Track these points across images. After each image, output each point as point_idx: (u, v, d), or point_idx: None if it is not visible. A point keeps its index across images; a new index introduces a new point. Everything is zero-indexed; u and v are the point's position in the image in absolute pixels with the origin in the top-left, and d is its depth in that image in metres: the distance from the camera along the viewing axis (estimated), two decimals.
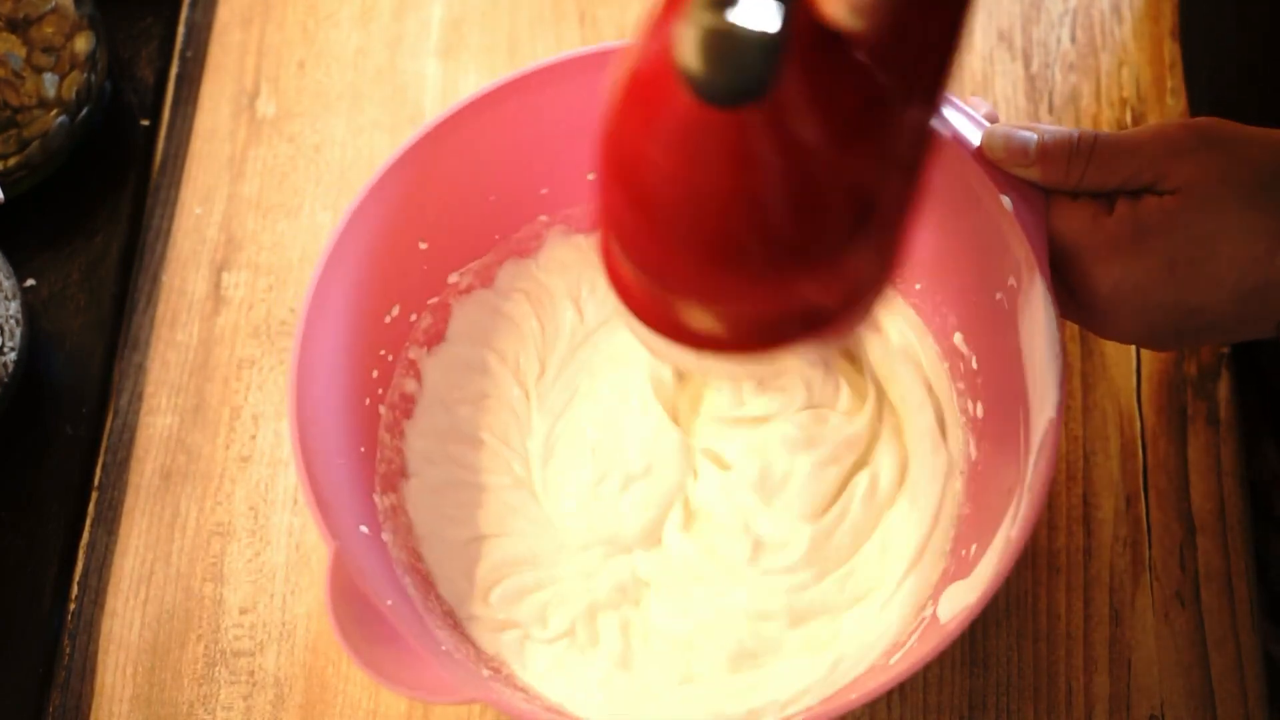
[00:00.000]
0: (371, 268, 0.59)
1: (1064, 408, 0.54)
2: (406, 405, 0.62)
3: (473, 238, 0.63)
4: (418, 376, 0.63)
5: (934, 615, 0.54)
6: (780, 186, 0.36)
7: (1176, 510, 0.63)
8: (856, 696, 0.50)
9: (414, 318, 0.62)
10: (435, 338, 0.63)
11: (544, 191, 0.63)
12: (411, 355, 0.62)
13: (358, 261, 0.58)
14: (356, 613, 0.51)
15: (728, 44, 0.33)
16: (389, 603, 0.53)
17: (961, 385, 0.60)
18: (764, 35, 0.33)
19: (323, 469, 0.54)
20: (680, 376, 0.63)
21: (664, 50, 0.35)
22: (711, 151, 0.36)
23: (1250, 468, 0.65)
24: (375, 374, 0.61)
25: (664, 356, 0.45)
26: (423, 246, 0.61)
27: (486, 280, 0.64)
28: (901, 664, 0.51)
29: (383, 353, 0.61)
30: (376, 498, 0.59)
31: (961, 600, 0.53)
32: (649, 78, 0.36)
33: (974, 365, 0.59)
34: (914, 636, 0.54)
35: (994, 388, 0.57)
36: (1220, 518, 0.62)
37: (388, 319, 0.61)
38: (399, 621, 0.52)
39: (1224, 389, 0.65)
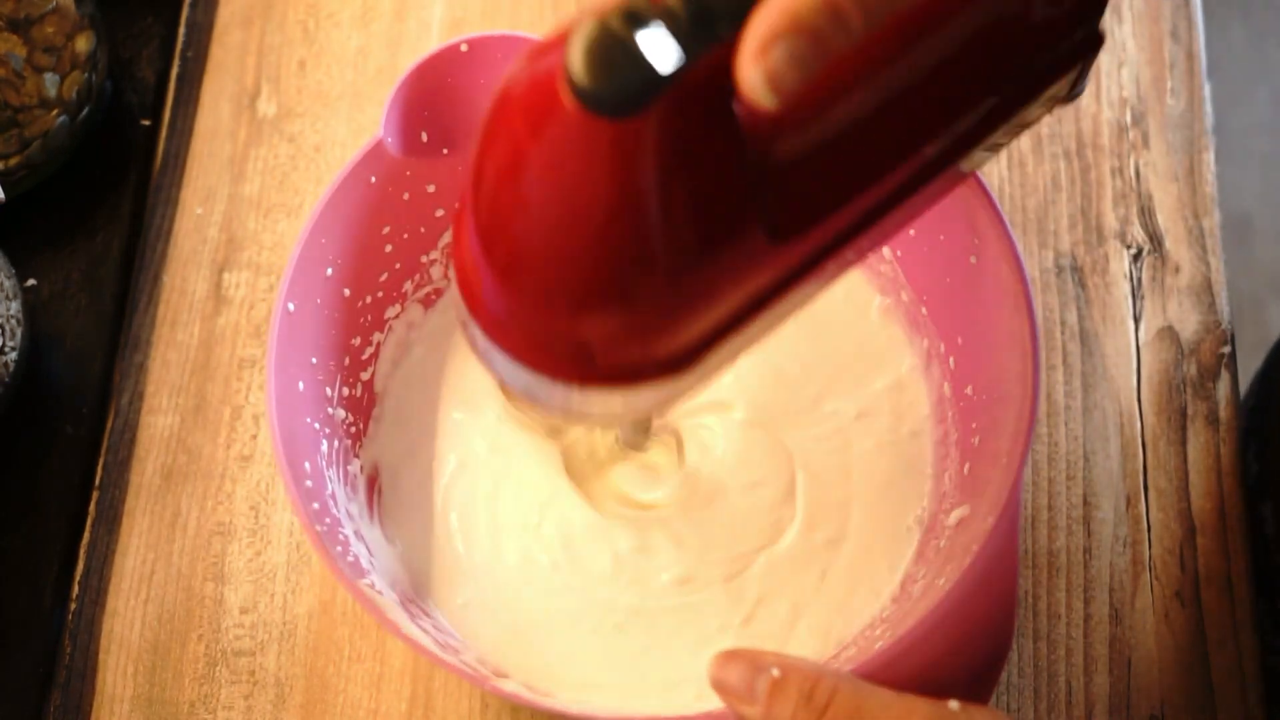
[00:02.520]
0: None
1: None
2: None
3: None
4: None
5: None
6: (624, 208, 0.37)
7: (1176, 510, 0.63)
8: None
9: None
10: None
11: None
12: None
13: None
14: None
15: (619, 54, 0.34)
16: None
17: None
18: (659, 53, 0.34)
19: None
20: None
21: (550, 67, 0.36)
22: (572, 155, 0.36)
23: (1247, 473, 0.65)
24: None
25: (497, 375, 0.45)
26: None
27: None
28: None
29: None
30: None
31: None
32: (530, 86, 0.38)
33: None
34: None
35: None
36: (1220, 518, 0.62)
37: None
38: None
39: (1224, 389, 0.65)
